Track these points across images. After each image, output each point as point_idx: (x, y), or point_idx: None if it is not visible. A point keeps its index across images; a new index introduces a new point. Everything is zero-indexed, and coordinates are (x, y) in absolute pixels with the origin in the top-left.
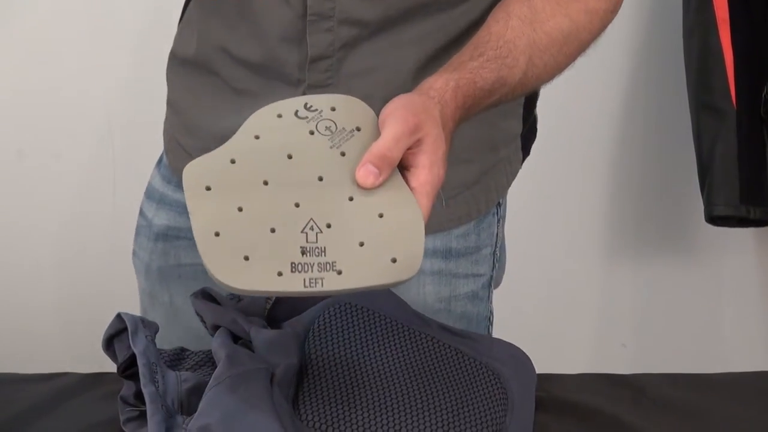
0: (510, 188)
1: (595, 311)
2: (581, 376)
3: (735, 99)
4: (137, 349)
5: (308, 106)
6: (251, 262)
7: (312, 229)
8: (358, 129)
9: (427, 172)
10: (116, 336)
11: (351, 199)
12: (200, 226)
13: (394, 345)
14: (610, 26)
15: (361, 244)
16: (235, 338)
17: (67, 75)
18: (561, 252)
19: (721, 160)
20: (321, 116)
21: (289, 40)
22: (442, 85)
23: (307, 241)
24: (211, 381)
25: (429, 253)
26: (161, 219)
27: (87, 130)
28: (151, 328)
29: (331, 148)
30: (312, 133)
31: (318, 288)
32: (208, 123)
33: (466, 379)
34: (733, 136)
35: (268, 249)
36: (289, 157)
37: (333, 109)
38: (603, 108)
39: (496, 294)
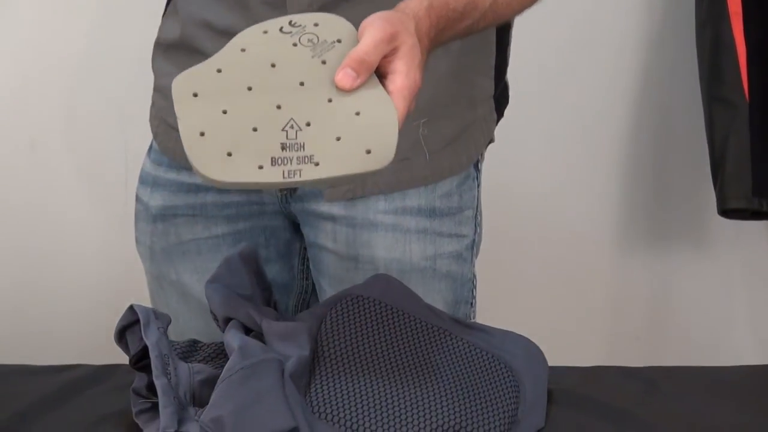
0: (523, 184)
1: (608, 304)
2: (594, 369)
3: (747, 92)
4: (149, 341)
5: (292, 22)
6: (234, 158)
7: (292, 127)
8: (339, 41)
9: (404, 77)
10: (128, 328)
11: (330, 101)
12: (187, 128)
13: (406, 337)
14: (623, 18)
15: (338, 139)
16: (247, 330)
17: (79, 64)
18: (574, 245)
19: (733, 153)
20: (304, 31)
21: (270, 4)
22: (416, 4)
23: (287, 138)
24: (223, 373)
25: (414, 212)
26: (156, 200)
27: (99, 120)
28: (164, 320)
29: (312, 57)
30: (295, 45)
31: (296, 178)
32: None
33: (479, 372)
34: (745, 129)
35: (249, 145)
36: (273, 66)
37: (316, 25)
38: (616, 100)
39: (513, 287)
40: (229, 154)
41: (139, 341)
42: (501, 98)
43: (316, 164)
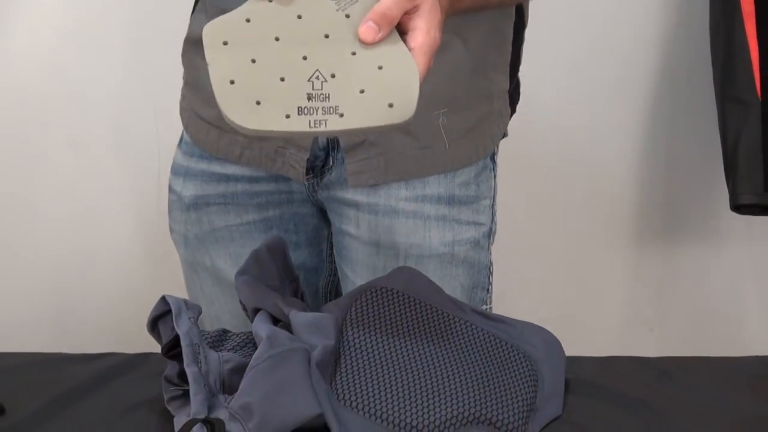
0: (543, 181)
1: (624, 296)
2: (609, 359)
3: (760, 91)
4: (181, 331)
5: None
6: (262, 106)
7: (318, 78)
8: None
9: (424, 34)
10: (161, 318)
11: (354, 54)
12: (217, 75)
13: (429, 328)
14: (639, 20)
15: (362, 92)
16: (275, 321)
17: (114, 63)
18: (591, 239)
19: (745, 151)
20: None
21: None
22: None
23: (312, 89)
24: (251, 361)
25: (434, 199)
26: (189, 190)
27: (134, 117)
28: (195, 310)
29: (337, 11)
30: None
31: (321, 128)
32: None
33: (499, 362)
34: (757, 127)
35: (277, 94)
36: (299, 17)
37: None
38: (633, 99)
39: (532, 279)
40: (258, 103)
41: (170, 331)
42: (514, 94)
43: (341, 115)
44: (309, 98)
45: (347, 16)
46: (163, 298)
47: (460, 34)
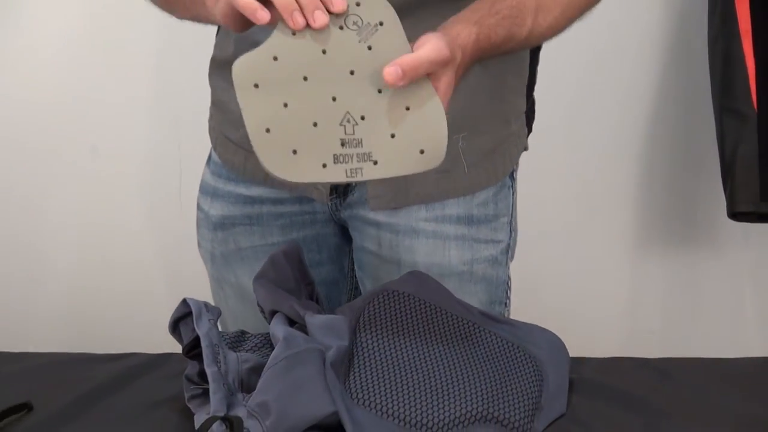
0: (548, 189)
1: (626, 300)
2: (612, 360)
3: (756, 104)
4: (201, 332)
5: None
6: (299, 156)
7: (349, 121)
8: (381, 24)
9: (447, 77)
10: (182, 320)
11: (380, 91)
12: (253, 123)
13: (439, 330)
14: (641, 35)
15: (393, 136)
16: (291, 322)
17: (138, 75)
18: (594, 245)
19: (742, 161)
20: (348, 12)
21: None
22: (466, 36)
23: (345, 134)
24: (269, 361)
25: (453, 220)
26: (216, 210)
27: (155, 127)
28: (214, 312)
29: (359, 42)
30: (341, 28)
31: (358, 177)
32: None
33: (505, 362)
34: (754, 138)
35: (312, 142)
36: (324, 52)
37: (358, 4)
38: (634, 111)
39: (536, 284)
40: (294, 152)
41: (191, 332)
42: (530, 113)
43: (375, 163)
44: (343, 144)
45: (369, 47)
46: (184, 301)
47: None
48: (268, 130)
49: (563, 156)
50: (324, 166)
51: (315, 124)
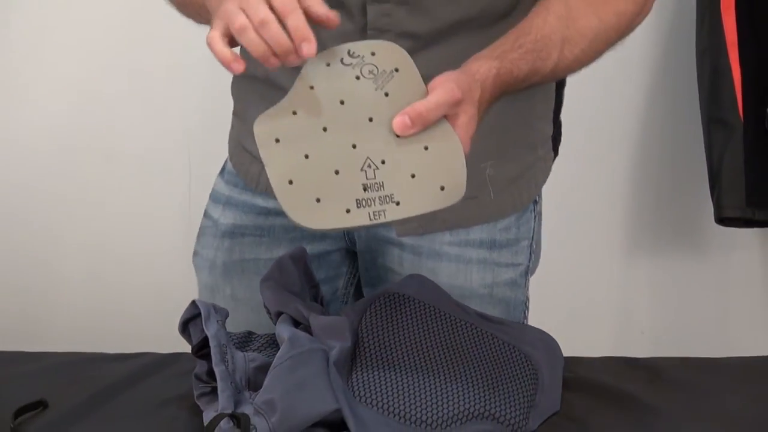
0: (542, 193)
1: (617, 302)
2: (604, 359)
3: (742, 113)
4: (210, 332)
5: (351, 52)
6: (323, 203)
7: (369, 166)
8: (397, 70)
9: (467, 116)
10: (191, 320)
11: (398, 135)
12: (276, 176)
13: (437, 331)
14: (632, 48)
15: (413, 176)
16: (296, 323)
17: (151, 82)
18: (587, 249)
19: (729, 167)
20: (363, 61)
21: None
22: (485, 71)
23: (366, 178)
24: (275, 360)
25: (476, 244)
26: (228, 218)
27: (165, 135)
28: (222, 313)
29: (376, 90)
30: (358, 78)
31: (381, 219)
32: None
33: (502, 361)
34: (740, 146)
35: (335, 190)
36: (342, 102)
37: (373, 54)
38: (624, 119)
39: (532, 287)
40: (318, 200)
41: (200, 332)
42: (557, 136)
43: (397, 203)
44: (365, 189)
45: (386, 94)
46: (194, 303)
47: None
48: (291, 182)
49: (555, 163)
50: (348, 211)
51: (336, 172)
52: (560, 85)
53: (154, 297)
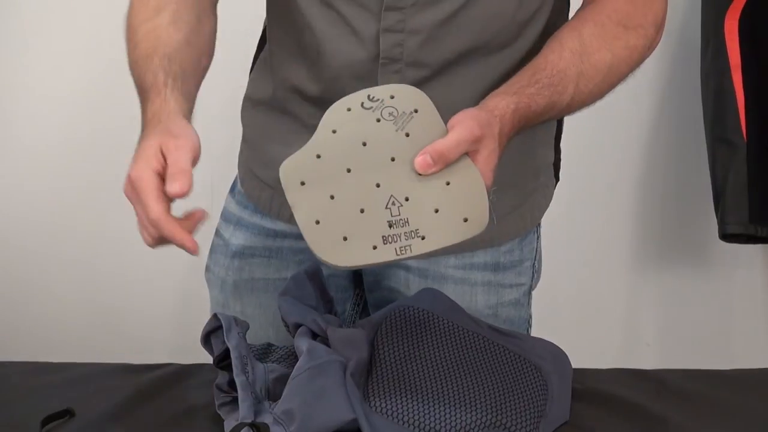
0: (550, 208)
1: (623, 315)
2: (612, 371)
3: (746, 133)
4: (231, 344)
5: (371, 97)
6: (350, 241)
7: (394, 204)
8: (416, 111)
9: (487, 151)
10: (213, 333)
11: (420, 173)
12: (303, 217)
13: (450, 343)
14: (640, 70)
15: (436, 211)
16: (314, 335)
17: None
18: (593, 264)
19: (733, 186)
20: (383, 104)
21: (361, 79)
22: (504, 106)
23: (391, 215)
24: (293, 371)
25: (480, 267)
26: (238, 239)
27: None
28: (243, 326)
29: (396, 131)
30: (378, 120)
31: (408, 254)
32: (283, 156)
33: (512, 373)
34: (743, 165)
35: (361, 228)
36: (364, 144)
37: (392, 97)
38: (631, 139)
39: (540, 300)
40: (345, 239)
41: (221, 344)
42: (557, 162)
43: (423, 238)
44: (390, 225)
45: (407, 134)
46: (215, 315)
47: None
48: (317, 222)
49: (562, 180)
50: (374, 248)
51: (362, 211)
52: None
53: (177, 311)
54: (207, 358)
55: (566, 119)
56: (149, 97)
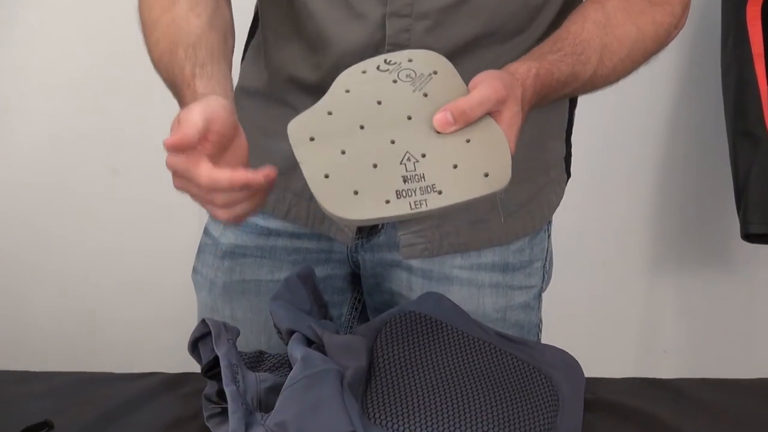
0: (564, 207)
1: (639, 320)
2: (626, 380)
3: None
4: (220, 352)
5: (388, 60)
6: (361, 195)
7: (409, 160)
8: (435, 72)
9: (511, 112)
10: (201, 339)
11: (439, 132)
12: (311, 172)
13: (455, 351)
14: (657, 62)
15: (455, 166)
16: (309, 342)
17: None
18: (609, 265)
19: (755, 182)
20: (400, 67)
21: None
22: (525, 70)
23: (406, 171)
24: (287, 381)
25: (488, 267)
26: (228, 238)
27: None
28: (233, 332)
29: (414, 91)
30: (395, 81)
31: (424, 208)
32: (279, 147)
33: (521, 382)
34: (766, 160)
35: (373, 182)
36: (379, 103)
37: (410, 61)
38: (649, 134)
39: (552, 305)
40: (356, 193)
41: (210, 352)
42: (568, 157)
43: (439, 192)
44: (405, 180)
45: (425, 94)
46: (203, 321)
47: None
48: (327, 176)
49: (577, 178)
50: (387, 201)
51: (375, 166)
52: (572, 105)
53: (163, 316)
54: (195, 367)
55: (578, 111)
56: (181, 92)
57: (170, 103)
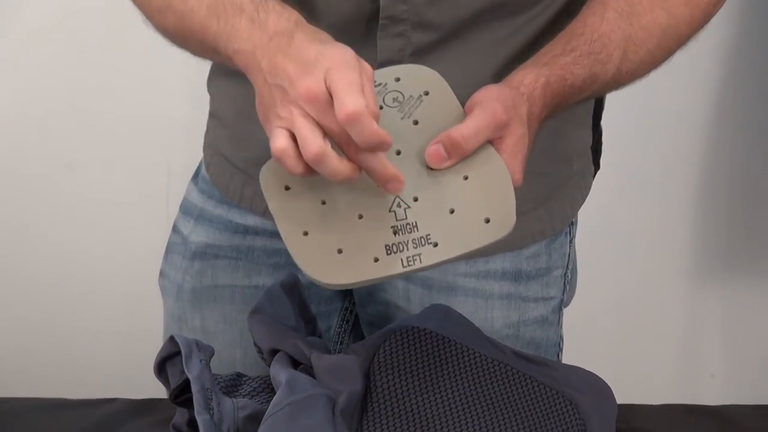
0: (597, 216)
1: (681, 338)
2: (664, 407)
3: None
4: (191, 374)
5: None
6: (345, 254)
7: (399, 206)
8: (426, 93)
9: (515, 137)
10: (169, 360)
11: (432, 168)
12: (287, 230)
13: (465, 373)
14: (698, 41)
15: (452, 212)
16: (295, 363)
17: (121, 84)
18: (644, 274)
19: None
20: (386, 89)
21: (356, 42)
22: (531, 81)
23: (396, 220)
24: (269, 408)
25: (497, 275)
26: (199, 236)
27: (140, 142)
28: (207, 351)
29: (402, 119)
30: (381, 108)
31: (417, 265)
32: (257, 132)
33: (542, 410)
34: None
35: (359, 237)
36: None
37: (397, 80)
38: (690, 122)
39: (575, 317)
40: (340, 251)
41: (180, 374)
42: (597, 146)
43: (435, 245)
44: (395, 232)
45: (415, 122)
46: (172, 338)
47: None
48: (305, 233)
49: (612, 185)
50: (376, 260)
51: (360, 216)
52: None
53: (125, 331)
54: (162, 392)
55: (617, 115)
56: (245, 13)
57: (132, 85)
